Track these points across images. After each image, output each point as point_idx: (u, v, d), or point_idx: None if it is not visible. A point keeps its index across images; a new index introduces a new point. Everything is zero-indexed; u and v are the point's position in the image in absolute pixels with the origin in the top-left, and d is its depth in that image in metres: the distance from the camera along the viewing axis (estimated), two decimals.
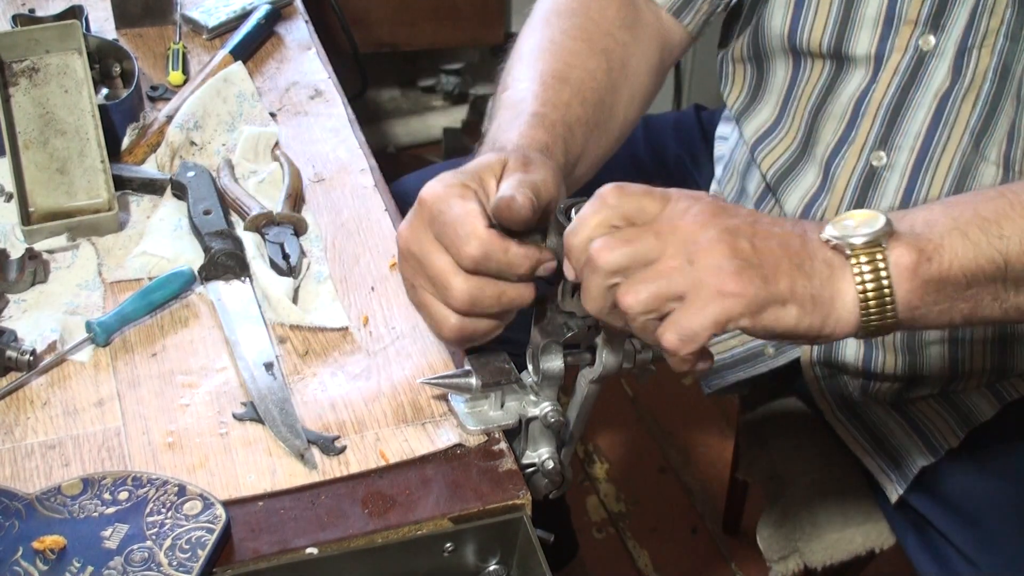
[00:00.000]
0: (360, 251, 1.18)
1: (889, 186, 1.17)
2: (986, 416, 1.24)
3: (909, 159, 1.15)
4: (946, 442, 1.25)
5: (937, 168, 1.15)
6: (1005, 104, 1.10)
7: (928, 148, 1.14)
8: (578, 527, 2.07)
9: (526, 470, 1.00)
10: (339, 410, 1.01)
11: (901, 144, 1.16)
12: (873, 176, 1.18)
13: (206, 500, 0.90)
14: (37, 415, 1.00)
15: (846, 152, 1.19)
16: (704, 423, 2.32)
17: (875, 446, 1.29)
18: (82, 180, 1.21)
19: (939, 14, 1.10)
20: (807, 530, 1.42)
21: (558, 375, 0.97)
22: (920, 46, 1.12)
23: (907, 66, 1.13)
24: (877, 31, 1.14)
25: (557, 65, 1.09)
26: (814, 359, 1.28)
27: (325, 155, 1.31)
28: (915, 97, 1.14)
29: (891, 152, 1.16)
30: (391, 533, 0.92)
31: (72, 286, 1.13)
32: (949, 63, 1.11)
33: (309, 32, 1.51)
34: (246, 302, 1.10)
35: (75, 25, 1.23)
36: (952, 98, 1.12)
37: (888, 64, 1.14)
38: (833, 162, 1.20)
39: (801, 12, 1.18)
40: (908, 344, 1.22)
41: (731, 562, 2.08)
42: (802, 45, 1.19)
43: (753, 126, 1.29)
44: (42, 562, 0.86)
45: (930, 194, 1.15)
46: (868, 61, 1.16)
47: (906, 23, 1.12)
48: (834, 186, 1.20)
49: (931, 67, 1.12)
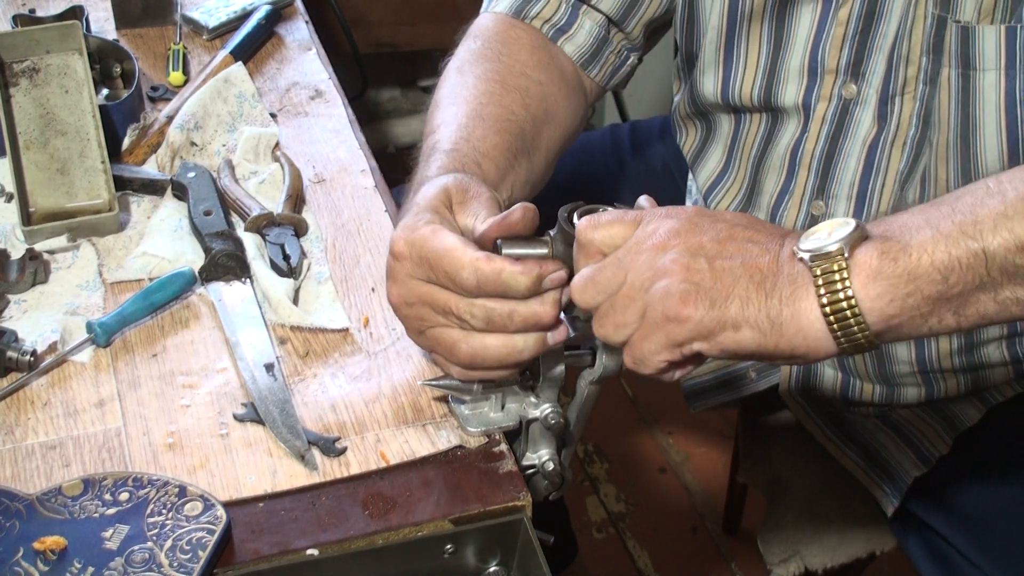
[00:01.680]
0: (361, 252, 1.18)
1: None
2: (972, 420, 1.24)
3: (848, 207, 1.17)
4: (936, 450, 1.25)
5: (875, 213, 1.16)
6: (925, 148, 1.11)
7: (864, 196, 1.16)
8: (578, 527, 2.07)
9: (526, 471, 1.00)
10: (339, 411, 1.01)
11: (837, 193, 1.17)
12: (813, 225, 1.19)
13: (207, 501, 0.90)
14: (38, 416, 1.00)
15: (787, 203, 1.21)
16: (704, 423, 2.32)
17: (868, 462, 1.30)
18: (83, 180, 1.21)
19: (857, 63, 1.12)
20: (807, 533, 1.42)
21: (558, 377, 0.97)
22: (843, 95, 1.14)
23: (833, 114, 1.15)
24: (803, 82, 1.15)
25: (472, 106, 1.10)
26: (791, 388, 1.29)
27: (325, 156, 1.31)
28: (845, 146, 1.15)
29: (829, 201, 1.18)
30: (391, 534, 0.92)
31: (72, 287, 1.13)
32: (873, 110, 1.13)
33: (309, 32, 1.51)
34: (246, 303, 1.10)
35: (75, 25, 1.23)
36: (880, 145, 1.13)
37: (815, 114, 1.16)
38: (777, 212, 1.22)
39: (730, 72, 1.20)
40: (882, 374, 1.23)
41: (731, 562, 2.08)
42: (735, 101, 1.21)
43: (704, 174, 1.31)
44: (43, 563, 0.86)
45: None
46: (798, 111, 1.17)
47: (828, 72, 1.14)
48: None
49: (856, 115, 1.14)
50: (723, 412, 2.32)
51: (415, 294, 0.90)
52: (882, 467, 1.28)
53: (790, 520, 1.43)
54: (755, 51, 1.17)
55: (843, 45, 1.12)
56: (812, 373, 1.27)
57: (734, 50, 1.19)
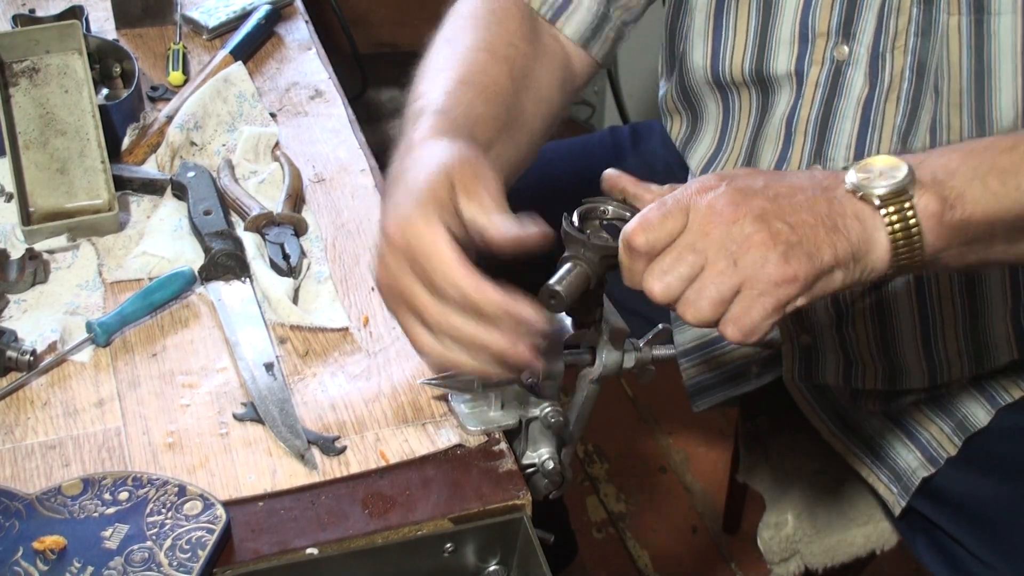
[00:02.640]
0: (360, 251, 1.18)
1: None
2: (982, 423, 1.24)
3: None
4: (944, 451, 1.25)
5: None
6: (925, 100, 1.11)
7: (861, 155, 1.15)
8: (578, 527, 2.07)
9: (526, 470, 1.00)
10: (339, 410, 1.01)
11: (835, 156, 1.17)
12: None
13: (206, 500, 0.90)
14: (37, 415, 1.00)
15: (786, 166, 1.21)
16: (704, 423, 2.32)
17: (874, 459, 1.29)
18: (82, 180, 1.21)
19: (848, 22, 1.12)
20: (807, 532, 1.42)
21: (558, 375, 0.97)
22: (836, 56, 1.14)
23: (826, 78, 1.15)
24: (794, 49, 1.16)
25: (459, 72, 1.09)
26: (795, 378, 1.29)
27: (325, 155, 1.31)
28: (839, 107, 1.16)
29: (827, 164, 1.18)
30: (391, 533, 0.92)
31: (72, 286, 1.13)
32: (865, 69, 1.13)
33: (309, 32, 1.51)
34: (246, 302, 1.10)
35: (75, 25, 1.23)
36: (875, 103, 1.14)
37: (809, 79, 1.16)
38: None
39: (720, 43, 1.20)
40: (885, 355, 1.22)
41: (731, 562, 2.08)
42: (725, 76, 1.21)
43: (697, 158, 1.31)
44: (42, 562, 0.86)
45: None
46: (791, 79, 1.17)
47: (819, 36, 1.14)
48: None
49: (849, 76, 1.14)
50: (724, 412, 2.32)
51: (397, 284, 0.88)
52: (889, 466, 1.28)
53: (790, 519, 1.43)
54: (744, 20, 1.18)
55: (833, 5, 1.12)
56: (814, 360, 1.26)
57: (723, 19, 1.19)
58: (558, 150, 1.50)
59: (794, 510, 1.43)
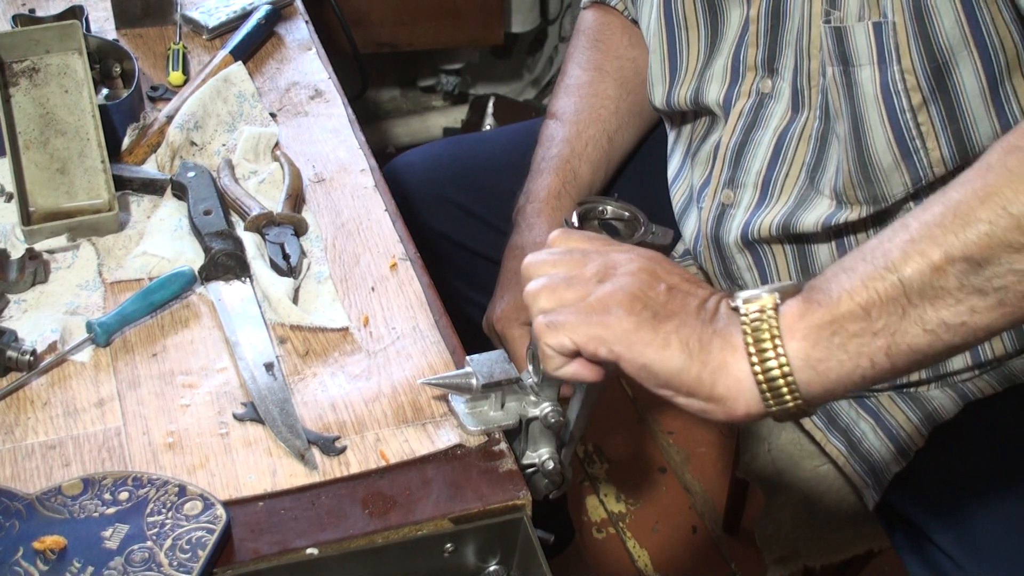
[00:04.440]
0: (360, 251, 1.18)
1: (733, 221, 1.25)
2: (949, 414, 1.25)
3: (753, 195, 1.23)
4: (913, 443, 1.25)
5: (776, 201, 1.21)
6: (831, 140, 1.16)
7: (768, 184, 1.22)
8: (578, 527, 2.07)
9: (526, 470, 1.00)
10: (339, 410, 1.01)
11: (745, 182, 1.24)
12: (722, 213, 1.26)
13: (206, 500, 0.91)
14: (37, 415, 1.00)
15: (705, 194, 1.28)
16: (704, 423, 2.32)
17: (850, 450, 1.30)
18: (82, 180, 1.21)
19: (771, 59, 1.19)
20: (806, 530, 1.42)
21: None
22: (761, 89, 1.21)
23: (750, 109, 1.22)
24: (725, 81, 1.24)
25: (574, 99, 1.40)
26: None
27: (325, 155, 1.31)
28: (755, 137, 1.22)
29: (736, 190, 1.25)
30: (391, 533, 0.92)
31: (72, 286, 1.13)
32: (787, 103, 1.19)
33: (309, 32, 1.51)
34: (246, 302, 1.11)
35: (75, 25, 1.23)
36: (788, 136, 1.19)
37: (734, 109, 1.23)
38: (700, 203, 1.30)
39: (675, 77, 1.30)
40: None
41: (731, 562, 2.08)
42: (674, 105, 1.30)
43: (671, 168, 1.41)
44: (42, 562, 0.86)
45: (762, 224, 1.22)
46: (720, 109, 1.25)
47: (748, 70, 1.22)
48: (701, 222, 1.29)
49: (770, 108, 1.21)
50: None
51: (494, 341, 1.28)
52: (863, 457, 1.29)
53: (788, 517, 1.43)
54: (694, 56, 1.27)
55: (757, 42, 1.19)
56: None
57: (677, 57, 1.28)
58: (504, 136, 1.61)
59: (793, 507, 1.43)
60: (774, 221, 1.21)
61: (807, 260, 1.24)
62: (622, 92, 1.41)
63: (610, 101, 1.41)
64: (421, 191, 1.48)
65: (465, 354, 1.01)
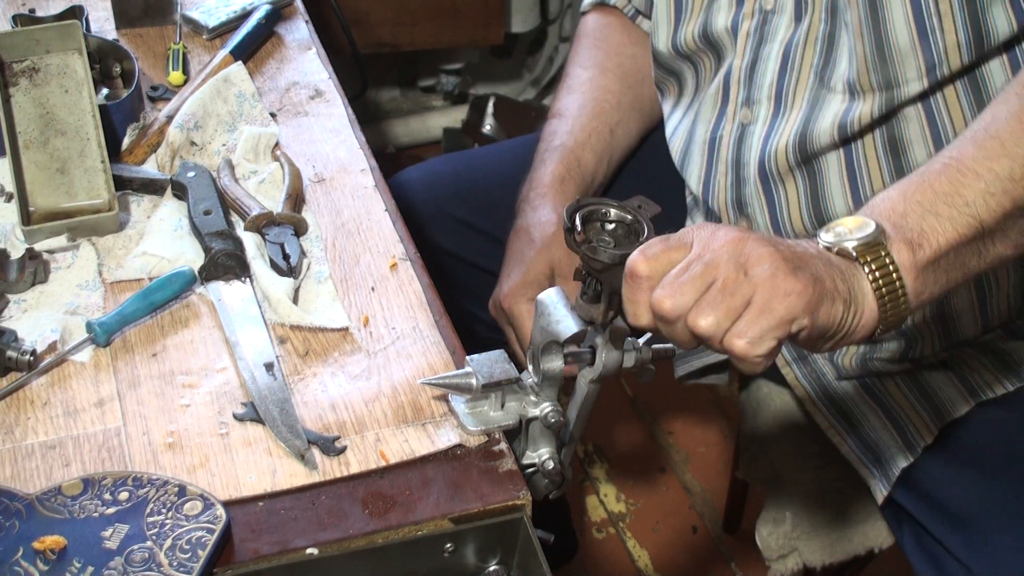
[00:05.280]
0: (360, 251, 1.18)
1: (753, 138, 1.26)
2: (960, 411, 1.25)
3: (769, 108, 1.25)
4: (921, 438, 1.25)
5: (791, 109, 1.23)
6: (840, 36, 1.18)
7: (781, 94, 1.23)
8: (578, 527, 2.07)
9: (526, 470, 1.00)
10: (339, 410, 1.01)
11: (759, 97, 1.25)
12: (743, 133, 1.28)
13: (206, 500, 0.90)
14: (37, 415, 1.00)
15: (723, 121, 1.30)
16: (704, 423, 2.32)
17: (856, 440, 1.30)
18: (82, 180, 1.21)
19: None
20: (806, 529, 1.42)
21: (558, 375, 0.97)
22: (763, 7, 1.24)
23: (755, 27, 1.25)
24: (732, 8, 1.27)
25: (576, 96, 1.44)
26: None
27: (325, 155, 1.31)
28: (764, 53, 1.24)
29: (753, 107, 1.26)
30: (391, 533, 0.92)
31: (72, 286, 1.13)
32: (790, 14, 1.22)
33: (309, 32, 1.51)
34: (246, 302, 1.11)
35: (75, 25, 1.23)
36: (793, 45, 1.21)
37: (741, 31, 1.26)
38: (719, 132, 1.31)
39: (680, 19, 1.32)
40: None
41: (731, 562, 2.08)
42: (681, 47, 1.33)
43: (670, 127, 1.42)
44: (42, 562, 0.86)
45: (781, 138, 1.23)
46: (728, 35, 1.28)
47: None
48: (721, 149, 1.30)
49: (774, 23, 1.23)
50: (723, 411, 2.32)
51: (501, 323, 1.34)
52: (870, 447, 1.29)
53: (788, 516, 1.43)
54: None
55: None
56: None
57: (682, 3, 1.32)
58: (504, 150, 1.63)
59: (793, 507, 1.43)
60: (790, 140, 1.21)
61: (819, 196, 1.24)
62: (623, 87, 1.45)
63: (612, 95, 1.44)
64: (422, 208, 1.48)
65: (465, 355, 1.01)
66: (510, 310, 1.29)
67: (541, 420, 0.98)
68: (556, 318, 0.95)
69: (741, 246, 0.86)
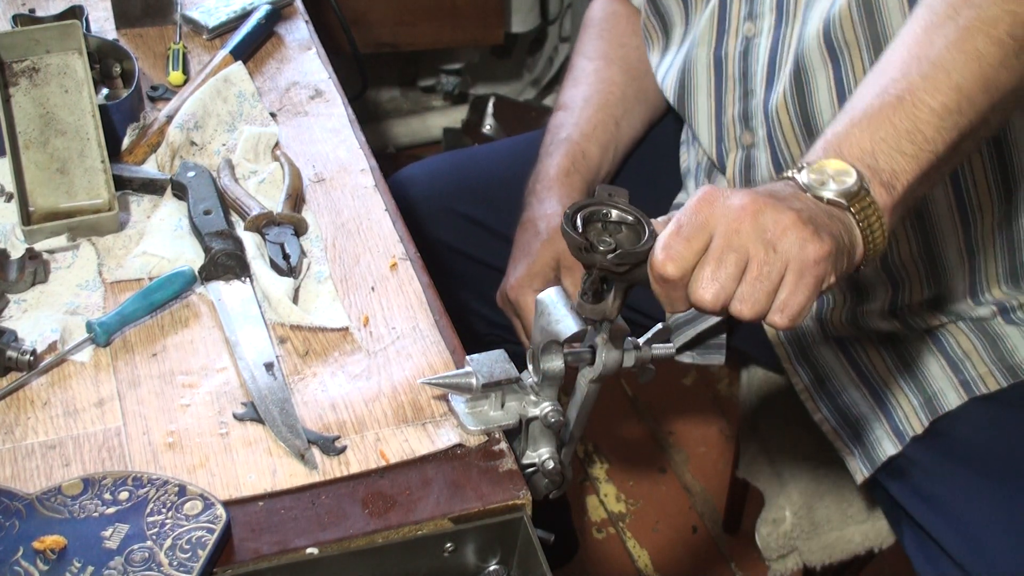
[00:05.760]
0: (360, 251, 1.18)
1: (759, 50, 1.26)
2: (951, 404, 1.24)
3: (770, 20, 1.25)
4: (911, 426, 1.24)
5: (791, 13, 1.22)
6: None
7: (782, 7, 1.23)
8: (578, 527, 2.07)
9: (526, 470, 1.00)
10: (339, 410, 1.01)
11: (761, 11, 1.25)
12: (747, 46, 1.28)
13: (206, 500, 0.91)
14: (37, 415, 1.00)
15: (726, 40, 1.30)
16: (704, 423, 2.32)
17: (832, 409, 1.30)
18: (82, 180, 1.21)
19: None
20: (806, 529, 1.42)
21: (558, 375, 0.97)
22: None
23: None
24: None
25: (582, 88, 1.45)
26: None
27: (325, 155, 1.31)
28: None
29: (756, 20, 1.26)
30: (391, 533, 0.92)
31: (72, 286, 1.13)
32: None
33: (309, 32, 1.51)
34: (246, 302, 1.11)
35: (75, 25, 1.23)
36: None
37: None
38: (719, 55, 1.30)
39: None
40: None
41: (731, 562, 2.08)
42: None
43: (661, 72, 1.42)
44: (42, 562, 0.86)
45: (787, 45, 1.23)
46: None
47: None
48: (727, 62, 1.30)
49: None
50: (723, 411, 2.33)
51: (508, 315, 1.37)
52: (850, 424, 1.28)
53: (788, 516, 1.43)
54: None
55: None
56: None
57: None
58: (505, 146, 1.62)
59: (792, 507, 1.43)
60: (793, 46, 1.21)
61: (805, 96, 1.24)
62: (627, 78, 1.46)
63: (616, 87, 1.45)
64: (424, 204, 1.49)
65: (465, 354, 1.01)
66: (516, 301, 1.31)
67: (541, 420, 0.98)
68: (556, 318, 0.95)
69: (761, 219, 0.87)
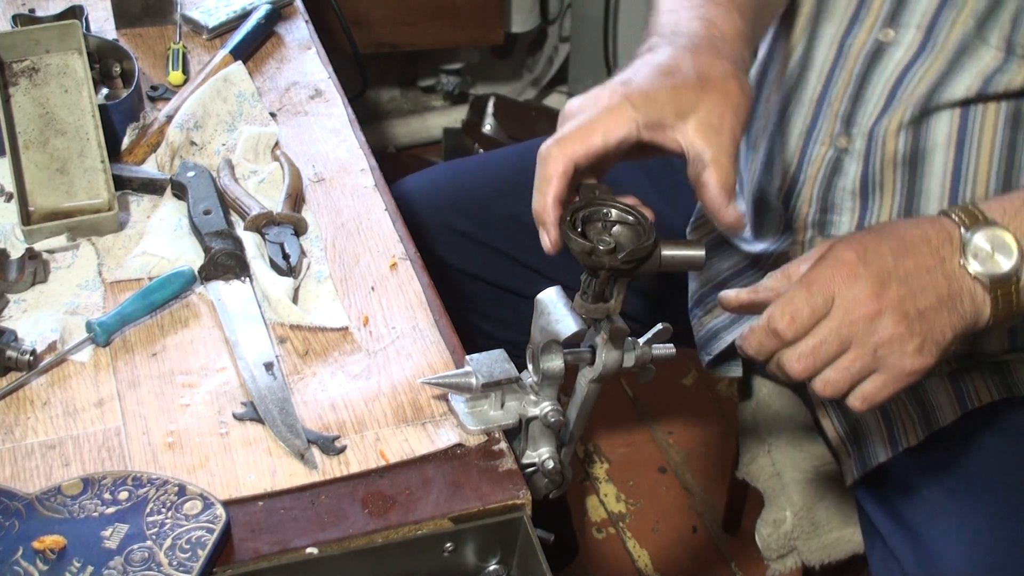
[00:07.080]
0: (360, 251, 1.18)
1: (891, 60, 1.21)
2: (947, 420, 1.22)
3: (915, 36, 1.19)
4: (906, 438, 1.23)
5: (939, 47, 1.18)
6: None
7: (933, 27, 1.18)
8: (578, 527, 2.07)
9: (526, 470, 1.00)
10: (339, 410, 1.01)
11: (908, 22, 1.20)
12: (878, 51, 1.22)
13: (206, 500, 0.91)
14: (37, 415, 1.00)
15: (858, 30, 1.23)
16: (704, 423, 2.32)
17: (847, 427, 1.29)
18: (82, 180, 1.21)
19: None
20: (806, 529, 1.42)
21: (558, 375, 0.97)
22: None
23: None
24: None
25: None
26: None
27: (325, 155, 1.31)
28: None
29: (899, 29, 1.20)
30: (391, 533, 0.92)
31: (72, 286, 1.13)
32: None
33: (309, 32, 1.51)
34: (246, 302, 1.11)
35: (75, 25, 1.23)
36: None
37: None
38: (846, 41, 1.24)
39: None
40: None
41: (731, 562, 2.08)
42: None
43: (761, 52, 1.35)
44: (42, 562, 0.86)
45: (926, 72, 1.18)
46: None
47: None
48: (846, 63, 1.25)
49: None
50: (723, 411, 2.33)
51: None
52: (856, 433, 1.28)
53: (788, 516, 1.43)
54: None
55: None
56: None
57: None
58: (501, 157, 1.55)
59: (792, 507, 1.43)
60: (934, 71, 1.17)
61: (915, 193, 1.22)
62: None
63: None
64: (421, 221, 1.45)
65: (465, 354, 1.01)
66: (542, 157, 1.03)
67: (541, 419, 0.98)
68: (556, 317, 0.95)
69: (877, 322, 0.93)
